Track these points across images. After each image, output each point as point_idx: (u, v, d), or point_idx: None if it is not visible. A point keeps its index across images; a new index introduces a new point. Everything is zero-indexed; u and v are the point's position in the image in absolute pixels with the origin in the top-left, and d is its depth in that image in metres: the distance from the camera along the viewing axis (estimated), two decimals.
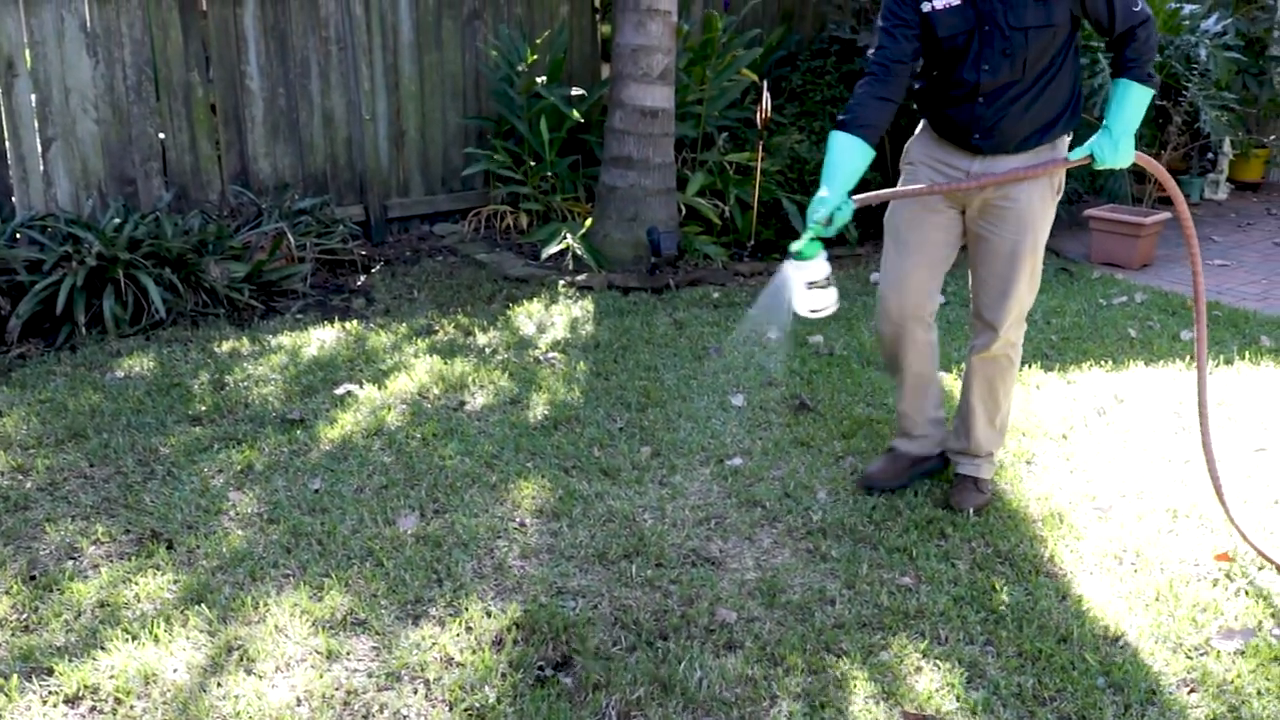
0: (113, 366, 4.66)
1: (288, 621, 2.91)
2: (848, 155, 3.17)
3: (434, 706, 2.61)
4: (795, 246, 3.05)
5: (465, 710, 2.59)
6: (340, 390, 4.40)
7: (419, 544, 3.30)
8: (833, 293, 3.11)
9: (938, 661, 2.78)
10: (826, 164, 3.17)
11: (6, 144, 5.58)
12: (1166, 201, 6.86)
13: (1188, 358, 4.82)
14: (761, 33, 7.38)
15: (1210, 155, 8.44)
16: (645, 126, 6.11)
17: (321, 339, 5.01)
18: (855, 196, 3.16)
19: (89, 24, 5.69)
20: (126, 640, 2.83)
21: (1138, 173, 6.94)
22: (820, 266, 3.07)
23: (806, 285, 3.07)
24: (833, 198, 3.09)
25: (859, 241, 6.73)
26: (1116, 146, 3.17)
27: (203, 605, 2.98)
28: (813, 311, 3.11)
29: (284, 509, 3.50)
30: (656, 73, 6.06)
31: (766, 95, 5.99)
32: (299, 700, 2.63)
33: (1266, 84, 8.02)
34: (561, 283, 5.85)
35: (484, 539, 3.34)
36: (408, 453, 3.89)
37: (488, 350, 4.90)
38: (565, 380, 4.55)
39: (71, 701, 2.63)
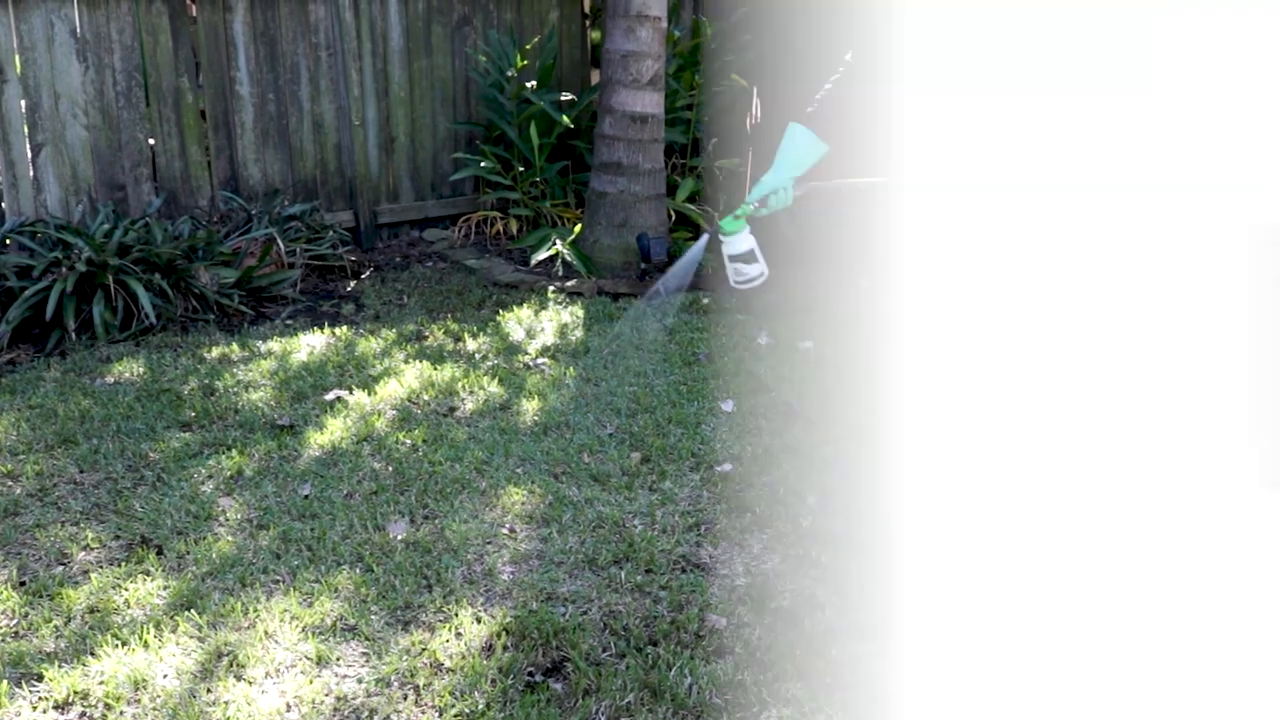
0: (102, 372, 4.66)
1: (277, 627, 2.92)
2: (798, 145, 3.26)
3: (424, 712, 2.62)
4: (721, 221, 3.21)
5: (455, 716, 2.60)
6: (330, 396, 4.40)
7: (409, 550, 3.30)
8: (759, 266, 3.28)
9: None
10: (778, 150, 3.26)
11: None
12: None
13: None
14: (751, 38, 7.39)
15: None
16: (635, 132, 6.13)
17: (311, 345, 5.01)
18: (805, 185, 3.25)
19: (79, 29, 5.69)
20: (116, 646, 2.83)
21: None
22: (742, 241, 3.25)
23: (729, 258, 3.25)
24: (772, 181, 3.19)
25: None
26: None
27: (193, 611, 2.98)
28: (738, 283, 3.30)
29: (274, 515, 3.50)
30: (646, 79, 6.08)
31: (756, 101, 6.01)
32: (289, 706, 2.63)
33: None
34: (551, 288, 5.86)
35: (474, 545, 3.35)
36: (397, 458, 3.89)
37: (477, 356, 4.90)
38: (555, 386, 4.56)
39: (61, 707, 2.63)
